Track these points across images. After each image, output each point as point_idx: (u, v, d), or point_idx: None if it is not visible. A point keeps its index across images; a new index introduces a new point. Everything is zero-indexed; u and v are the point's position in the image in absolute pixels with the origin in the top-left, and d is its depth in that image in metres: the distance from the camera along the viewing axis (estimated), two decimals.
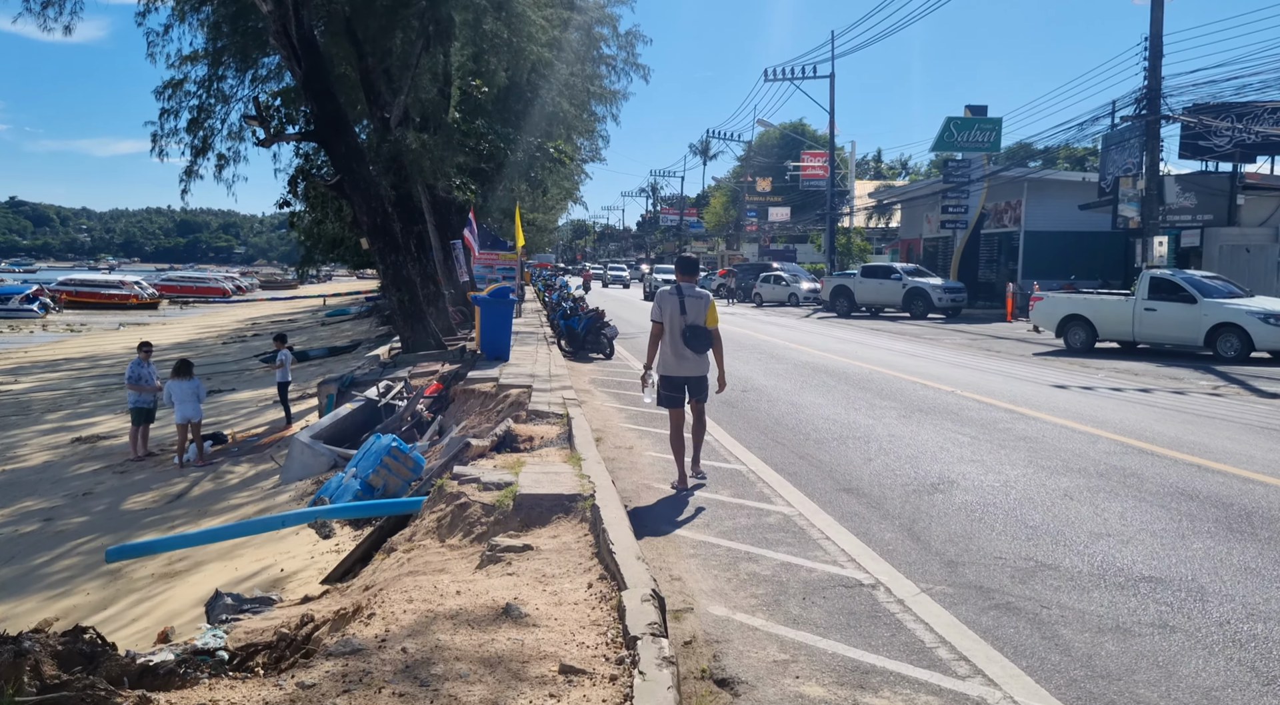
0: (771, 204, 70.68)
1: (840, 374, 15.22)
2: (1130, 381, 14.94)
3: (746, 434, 9.92)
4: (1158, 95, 21.04)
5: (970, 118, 35.48)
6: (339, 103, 15.16)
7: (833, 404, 11.93)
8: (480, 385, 13.02)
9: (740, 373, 15.25)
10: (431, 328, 15.97)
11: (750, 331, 24.95)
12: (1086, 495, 7.06)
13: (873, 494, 7.25)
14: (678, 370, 7.50)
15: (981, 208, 36.61)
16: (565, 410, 10.46)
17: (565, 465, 7.46)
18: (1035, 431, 9.79)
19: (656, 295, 7.55)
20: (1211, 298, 17.93)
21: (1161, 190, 21.24)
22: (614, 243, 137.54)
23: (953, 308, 32.46)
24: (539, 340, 19.63)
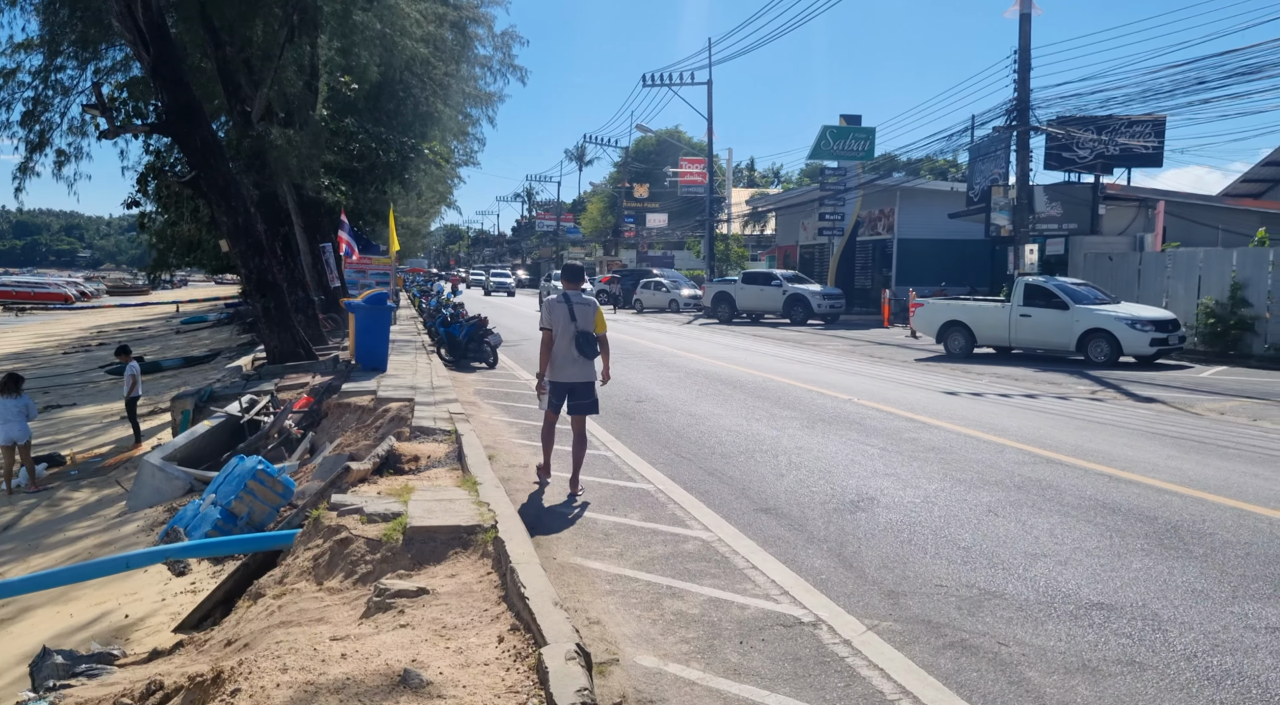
0: (649, 210, 70.76)
1: (734, 382, 14.89)
2: (1013, 387, 15.15)
3: (649, 449, 9.37)
4: (1027, 107, 21.69)
5: (845, 127, 36.15)
6: (193, 93, 13.87)
7: (733, 414, 11.52)
8: (356, 398, 12.05)
9: (634, 382, 14.73)
10: (300, 336, 14.81)
11: (636, 338, 24.51)
12: (1010, 510, 6.80)
13: (793, 514, 6.80)
14: (565, 376, 7.56)
15: (857, 216, 37.35)
16: (453, 425, 9.68)
17: (459, 490, 6.72)
18: (942, 441, 9.60)
19: (545, 303, 7.59)
20: (1082, 304, 18.50)
21: (1032, 200, 21.91)
22: (489, 248, 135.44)
23: (831, 314, 32.91)
24: (417, 349, 18.62)
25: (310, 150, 16.69)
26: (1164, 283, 20.56)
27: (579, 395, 7.63)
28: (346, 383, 13.10)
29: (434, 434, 9.40)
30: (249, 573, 6.81)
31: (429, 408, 10.87)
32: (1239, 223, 23.64)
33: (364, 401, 11.81)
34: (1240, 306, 18.45)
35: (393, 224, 27.39)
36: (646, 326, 30.70)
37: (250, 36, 16.35)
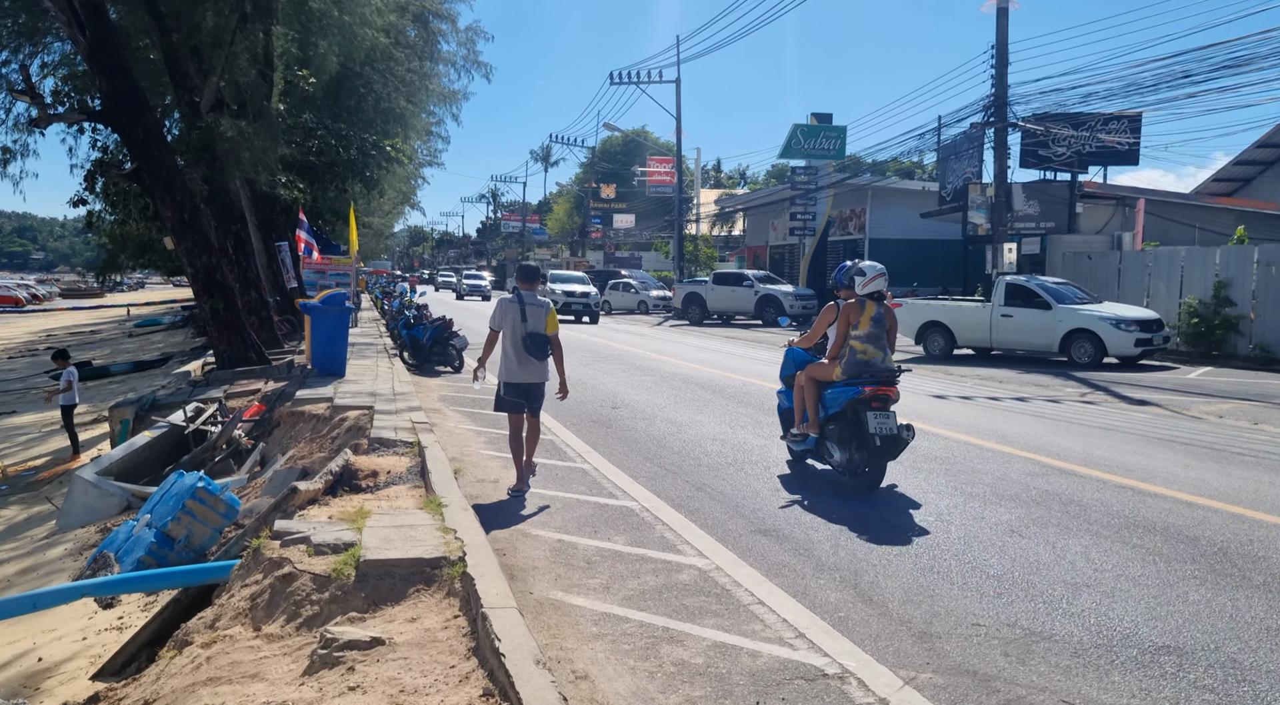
0: (616, 211, 70.05)
1: (712, 386, 14.21)
2: (1000, 389, 14.62)
3: (629, 460, 8.64)
4: (1005, 102, 21.27)
5: (816, 125, 35.69)
6: (134, 79, 12.93)
7: (715, 421, 10.83)
8: (311, 406, 11.20)
9: (608, 387, 14.00)
10: (252, 339, 13.89)
11: (607, 340, 23.77)
12: (1035, 530, 6.16)
13: (795, 536, 6.11)
14: (520, 377, 7.57)
15: (828, 215, 36.90)
16: (415, 436, 8.89)
17: (421, 513, 5.95)
18: (943, 450, 8.97)
19: (497, 303, 7.67)
20: (1065, 304, 18.07)
21: (1010, 197, 21.49)
22: (453, 249, 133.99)
23: (804, 314, 32.38)
24: (378, 353, 17.74)
25: (264, 143, 15.75)
26: (1145, 282, 20.21)
27: (534, 397, 7.67)
28: (301, 389, 12.23)
29: (394, 446, 8.61)
30: (181, 609, 6.00)
31: (389, 417, 10.06)
32: (1215, 221, 23.42)
33: (319, 410, 10.97)
34: (1224, 306, 18.11)
35: (353, 223, 26.46)
36: (616, 328, 29.97)
37: (198, 22, 15.41)
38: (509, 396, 7.59)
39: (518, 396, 7.58)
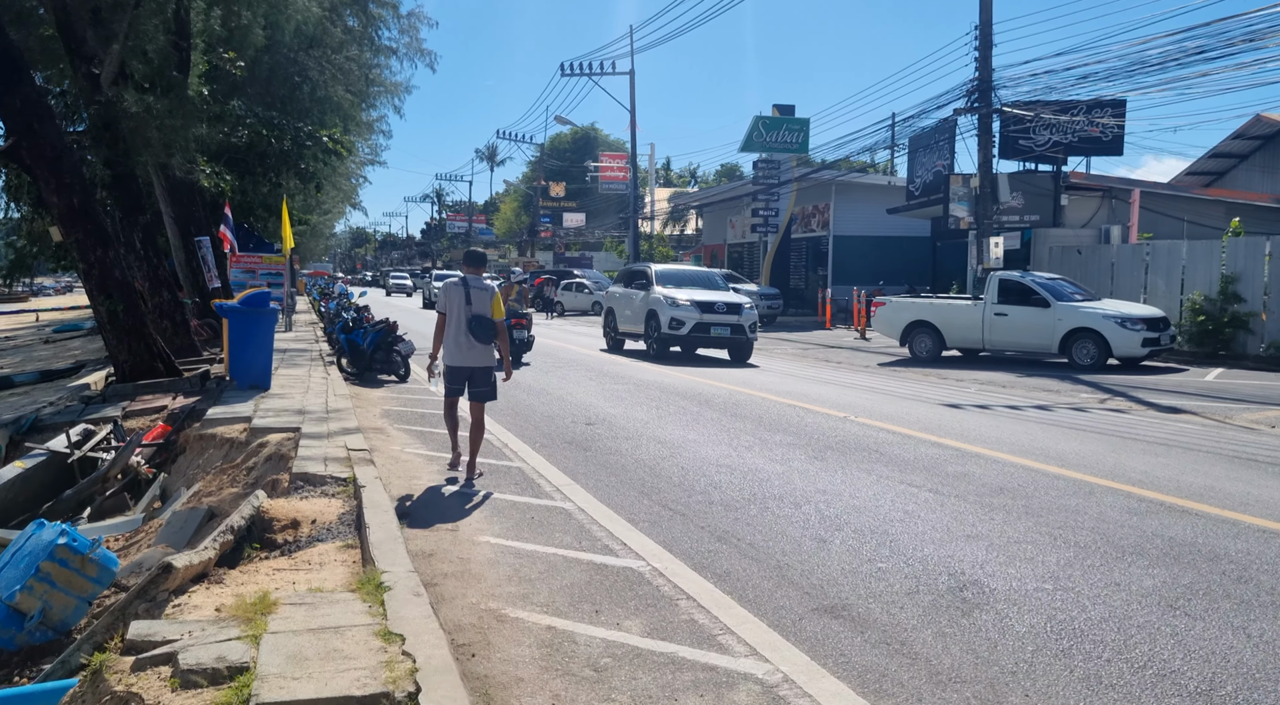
0: (566, 209, 68.13)
1: (696, 395, 12.53)
2: (1011, 396, 13.18)
3: (622, 496, 6.90)
4: (989, 87, 19.97)
5: (778, 117, 34.30)
6: (9, 39, 10.86)
7: (713, 440, 9.14)
8: (225, 428, 9.27)
9: (577, 397, 12.23)
10: (159, 347, 11.85)
11: (564, 343, 21.97)
12: (1200, 603, 4.57)
13: (877, 617, 4.43)
14: (461, 360, 7.54)
15: (791, 211, 35.52)
16: (351, 470, 7.06)
17: (353, 600, 4.15)
18: (1001, 478, 7.39)
19: (443, 286, 7.68)
20: (1064, 302, 16.75)
21: (995, 188, 20.19)
22: (396, 250, 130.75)
23: (769, 315, 30.95)
24: (313, 360, 15.75)
25: (175, 121, 13.67)
26: (1142, 277, 19.02)
27: (477, 381, 7.60)
28: (215, 406, 10.28)
29: (323, 483, 6.76)
30: None
31: (319, 442, 8.19)
32: (1204, 213, 22.41)
33: (234, 432, 9.05)
34: (1232, 302, 16.94)
35: (285, 217, 24.32)
36: (572, 330, 28.17)
37: None
38: (448, 381, 7.62)
39: (456, 381, 7.61)
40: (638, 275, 19.71)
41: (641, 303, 18.67)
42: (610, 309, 20.36)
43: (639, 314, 18.69)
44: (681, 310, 17.53)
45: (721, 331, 17.39)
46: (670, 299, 17.74)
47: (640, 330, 18.67)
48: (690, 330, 17.40)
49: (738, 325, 17.47)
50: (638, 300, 18.93)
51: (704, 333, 17.42)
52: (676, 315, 17.48)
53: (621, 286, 20.35)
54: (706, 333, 17.41)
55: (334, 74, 30.79)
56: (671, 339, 17.71)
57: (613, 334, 20.09)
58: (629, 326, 19.39)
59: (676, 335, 17.56)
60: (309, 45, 29.09)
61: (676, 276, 19.38)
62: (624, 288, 20.09)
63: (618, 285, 20.95)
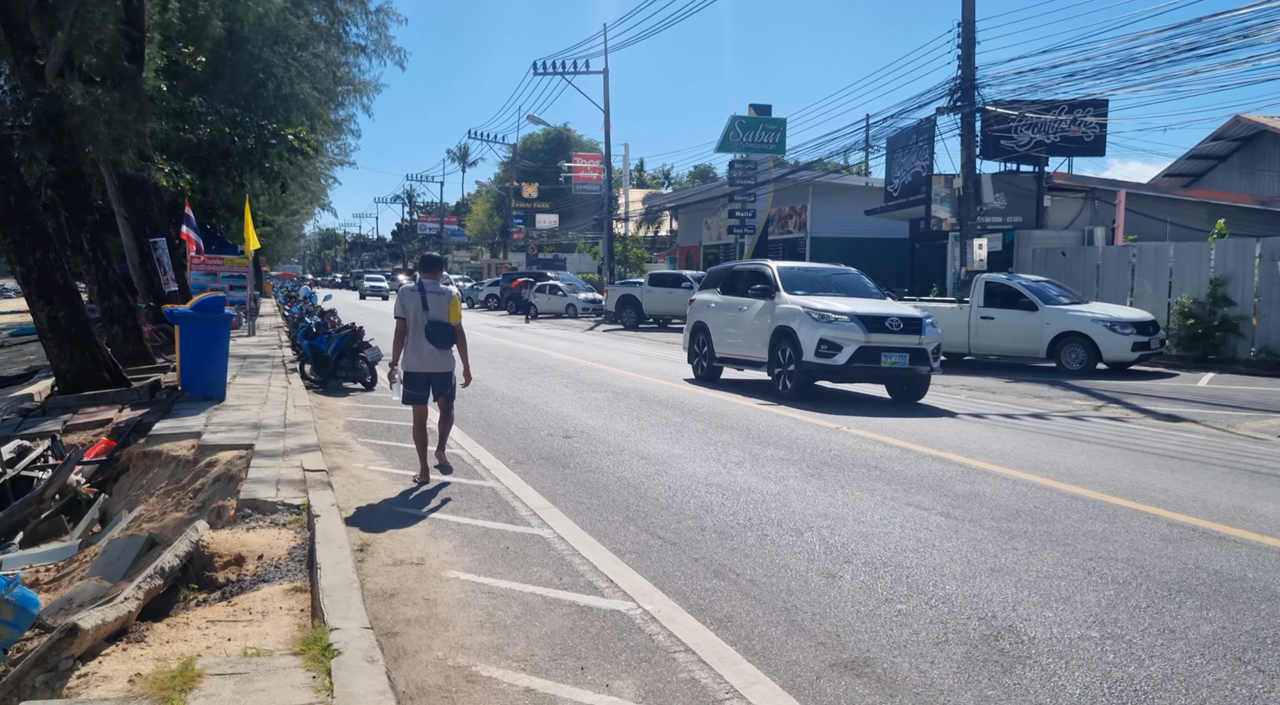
0: (539, 210, 67.44)
1: (678, 405, 11.94)
2: (1006, 403, 12.71)
3: (605, 522, 6.29)
4: (972, 85, 19.56)
5: (755, 117, 33.84)
6: None
7: (699, 456, 8.55)
8: (172, 445, 8.57)
9: (552, 407, 11.60)
10: (104, 356, 11.08)
11: (539, 348, 21.32)
12: (1273, 656, 4.02)
13: (906, 675, 3.85)
14: (421, 366, 7.49)
15: (769, 213, 35.07)
16: (305, 494, 6.40)
17: (295, 671, 3.51)
18: (1018, 500, 6.85)
19: (399, 292, 7.63)
20: (1052, 305, 16.35)
21: (979, 189, 19.79)
22: (367, 252, 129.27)
23: None
24: (274, 367, 15.01)
25: (127, 116, 12.88)
26: (1128, 280, 18.68)
27: (438, 386, 7.61)
28: (164, 420, 9.55)
29: (274, 511, 6.10)
30: None
31: (274, 461, 7.51)
32: (1186, 215, 22.17)
33: (182, 450, 8.34)
34: (1222, 305, 16.62)
35: (249, 217, 23.49)
36: (546, 334, 27.51)
37: None
38: (410, 388, 7.55)
39: (419, 388, 7.54)
40: (749, 277, 14.08)
41: (762, 316, 13.09)
42: (702, 324, 14.57)
43: (757, 332, 13.14)
44: (835, 328, 11.89)
45: (898, 359, 11.85)
46: (815, 311, 12.15)
47: (761, 356, 13.08)
48: (851, 358, 11.77)
49: (918, 350, 11.97)
50: (753, 313, 13.33)
51: (871, 362, 11.80)
52: (829, 336, 11.87)
53: (718, 293, 14.61)
54: (875, 361, 11.79)
55: (300, 71, 29.94)
56: (820, 371, 12.18)
57: (707, 360, 14.51)
58: (738, 350, 13.84)
59: (829, 365, 11.97)
60: (273, 41, 28.25)
61: (809, 277, 13.68)
62: (723, 294, 14.42)
63: (710, 291, 14.97)
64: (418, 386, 7.53)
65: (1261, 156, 27.19)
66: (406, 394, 7.56)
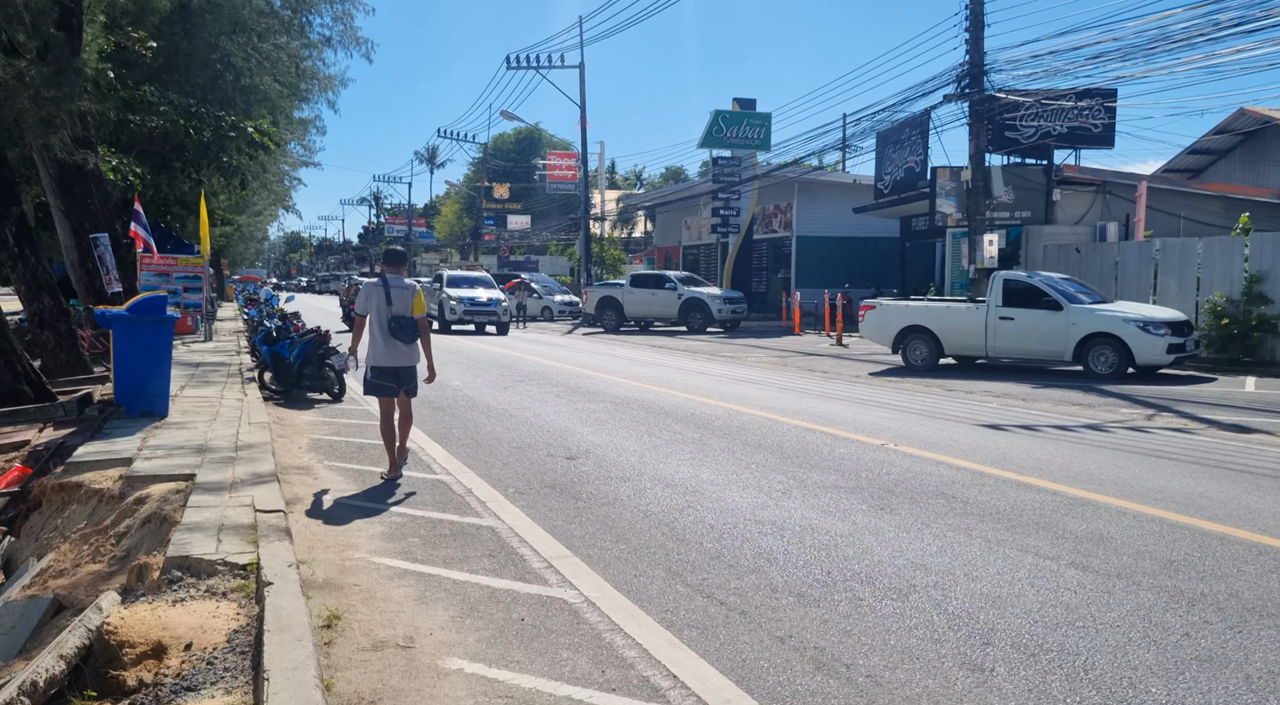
0: (511, 212, 65.79)
1: (689, 417, 10.56)
2: (1050, 413, 11.48)
3: (648, 582, 4.91)
4: (981, 71, 18.41)
5: (739, 112, 32.56)
6: None
7: (734, 481, 7.18)
8: (95, 475, 7.04)
9: (548, 422, 10.17)
10: (23, 366, 9.49)
11: (521, 353, 19.86)
12: None
13: None
14: (388, 360, 7.41)
15: (753, 211, 33.82)
16: (255, 548, 4.95)
17: None
18: (1152, 542, 5.54)
19: (363, 287, 7.56)
20: (1077, 304, 15.17)
21: (988, 182, 18.62)
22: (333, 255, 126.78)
23: (733, 320, 29.17)
24: (231, 377, 13.44)
25: (54, 92, 11.31)
26: (1150, 277, 17.58)
27: (404, 379, 7.53)
28: (92, 441, 8.02)
29: (213, 573, 4.64)
30: None
31: (218, 498, 6.04)
32: (1201, 209, 21.18)
33: (107, 482, 6.82)
34: (1258, 304, 15.52)
35: (204, 214, 21.84)
36: (526, 338, 26.02)
37: None
38: (377, 380, 7.46)
39: (387, 380, 7.45)
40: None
41: None
42: None
43: None
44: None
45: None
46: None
47: None
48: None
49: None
50: None
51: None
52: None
53: None
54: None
55: (260, 62, 28.29)
56: None
57: None
58: None
59: None
60: (232, 29, 26.59)
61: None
62: None
63: None
64: (386, 378, 7.45)
65: (1266, 151, 26.36)
66: (375, 385, 7.49)
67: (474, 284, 28.42)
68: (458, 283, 28.36)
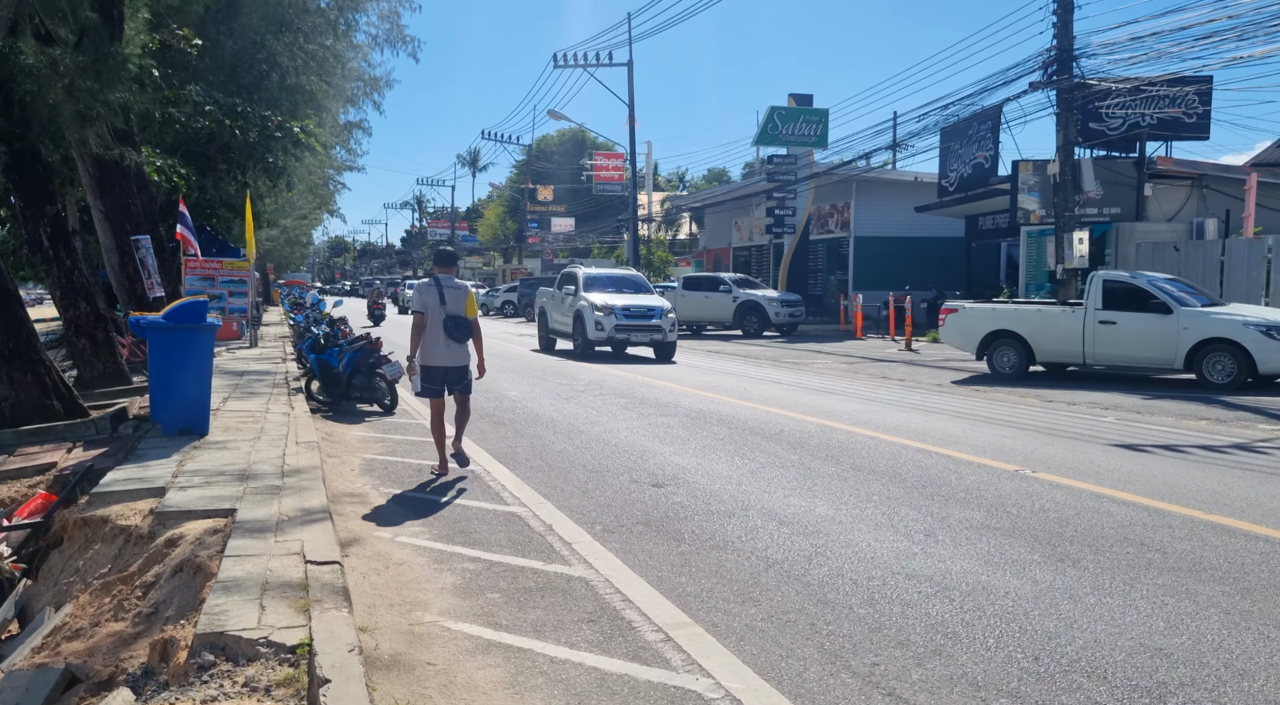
0: (554, 214, 65.01)
1: (776, 434, 9.48)
2: (1178, 430, 10.23)
3: (803, 669, 3.84)
4: (1069, 56, 17.09)
5: (795, 108, 31.38)
6: None
7: (861, 519, 6.09)
8: (122, 508, 6.13)
9: (622, 439, 9.13)
10: (53, 379, 8.65)
11: (574, 360, 18.87)
12: None
13: None
14: (438, 360, 7.46)
15: (809, 211, 32.59)
16: (308, 615, 3.96)
17: None
18: None
19: (417, 287, 7.58)
20: (1188, 307, 13.85)
21: (1076, 176, 17.29)
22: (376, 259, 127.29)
23: (790, 323, 28.01)
24: (276, 387, 12.59)
25: (90, 83, 10.52)
26: (1261, 278, 16.15)
27: (454, 379, 7.57)
28: (122, 466, 7.13)
29: (253, 656, 3.65)
30: None
31: (263, 542, 5.08)
32: None
33: (135, 517, 5.91)
34: None
35: (249, 216, 21.18)
36: None
37: None
38: (426, 382, 7.51)
39: (435, 381, 7.52)
40: None
41: None
42: None
43: None
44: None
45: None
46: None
47: None
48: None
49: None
50: None
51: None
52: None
53: None
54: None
55: (305, 62, 27.76)
56: None
57: None
58: None
59: None
60: (278, 29, 26.07)
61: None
62: None
63: None
64: (435, 380, 7.52)
65: None
66: (424, 387, 7.53)
67: (621, 286, 19.63)
68: (599, 284, 19.63)
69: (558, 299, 20.82)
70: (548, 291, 22.52)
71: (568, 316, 19.75)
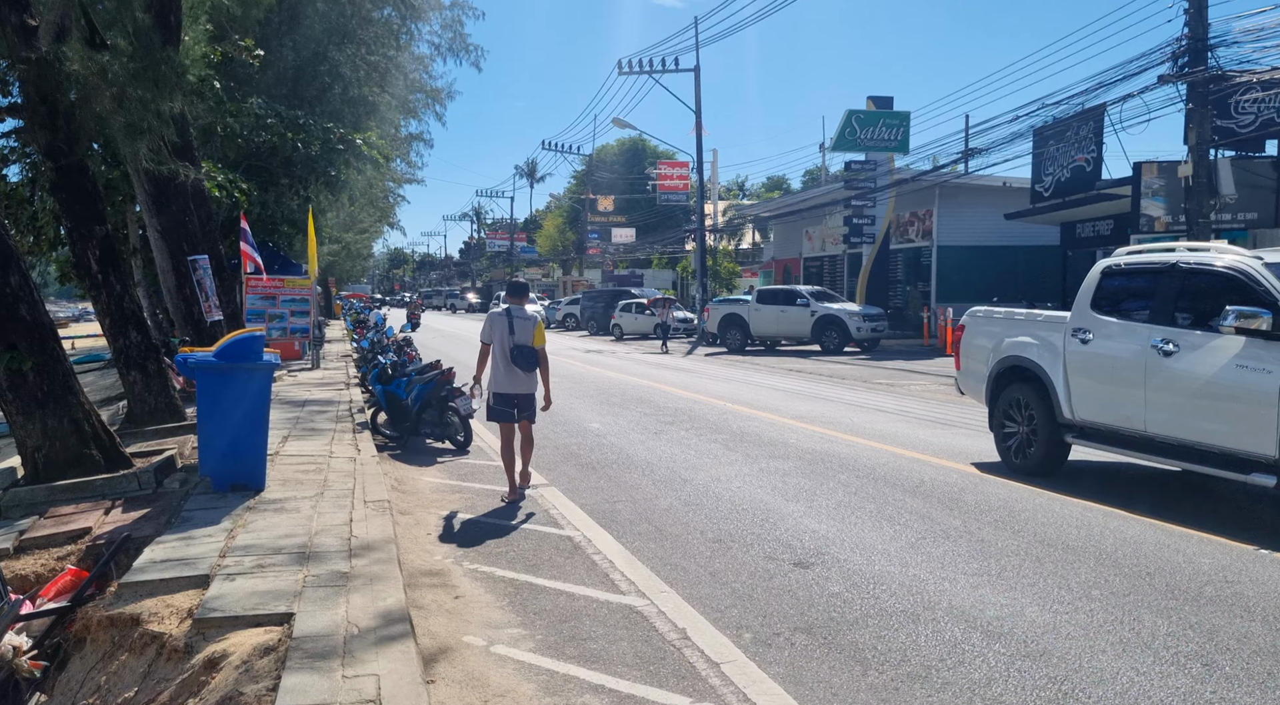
0: (615, 225, 63.96)
1: (916, 487, 8.05)
2: None
3: None
4: (1204, 45, 15.39)
5: (874, 111, 29.78)
6: None
7: (1092, 626, 4.69)
8: (157, 604, 4.95)
9: (736, 493, 7.75)
10: (92, 423, 7.57)
11: (648, 381, 17.59)
12: None
13: None
14: (508, 387, 7.73)
15: (889, 219, 30.97)
16: None
17: None
18: None
19: (488, 317, 7.87)
20: None
21: (1214, 177, 15.55)
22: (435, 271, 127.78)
23: (872, 338, 26.42)
24: (340, 420, 11.49)
25: (141, 92, 9.54)
26: None
27: (522, 407, 7.81)
28: (163, 537, 5.99)
29: None
30: None
31: (325, 674, 3.84)
32: None
33: (170, 619, 4.73)
34: None
35: (311, 232, 20.33)
36: (642, 360, 23.81)
37: None
38: (497, 406, 7.75)
39: (506, 406, 7.75)
40: None
41: None
42: None
43: None
44: None
45: None
46: None
47: None
48: None
49: None
50: None
51: None
52: None
53: None
54: None
55: (368, 73, 27.04)
56: None
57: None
58: None
59: None
60: (340, 40, 25.36)
61: None
62: None
63: None
64: (505, 405, 7.75)
65: None
66: (495, 411, 7.75)
67: None
68: None
69: None
70: None
71: None
